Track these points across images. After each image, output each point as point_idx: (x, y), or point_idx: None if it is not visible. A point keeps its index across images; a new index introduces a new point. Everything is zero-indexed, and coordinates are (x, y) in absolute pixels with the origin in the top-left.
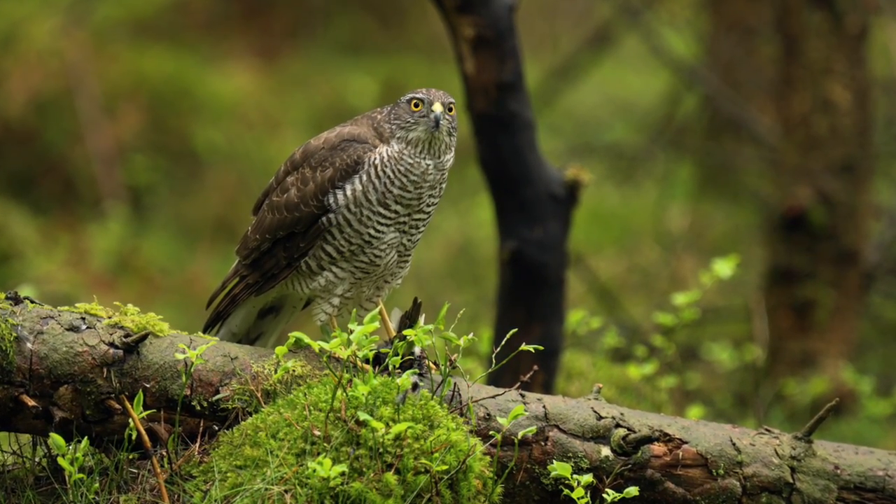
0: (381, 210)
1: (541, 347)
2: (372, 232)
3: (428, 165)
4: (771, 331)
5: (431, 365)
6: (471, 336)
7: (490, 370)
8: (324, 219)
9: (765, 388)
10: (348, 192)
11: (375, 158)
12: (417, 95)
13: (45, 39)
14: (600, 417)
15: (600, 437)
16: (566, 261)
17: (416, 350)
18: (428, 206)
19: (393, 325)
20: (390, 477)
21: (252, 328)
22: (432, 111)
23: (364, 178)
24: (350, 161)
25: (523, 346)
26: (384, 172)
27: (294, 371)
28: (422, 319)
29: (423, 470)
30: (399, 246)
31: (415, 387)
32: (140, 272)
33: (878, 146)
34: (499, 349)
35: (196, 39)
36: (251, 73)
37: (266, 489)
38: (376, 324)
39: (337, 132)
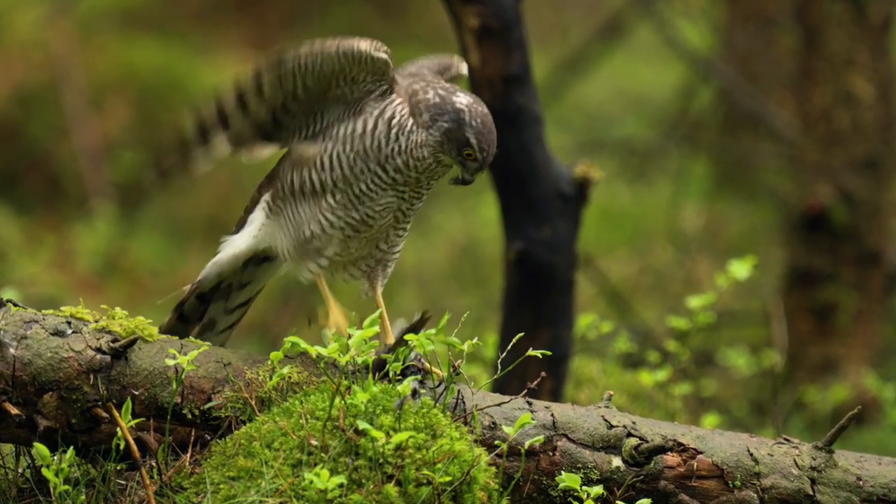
0: (378, 170)
1: (549, 353)
2: (363, 188)
3: (434, 165)
4: (790, 335)
5: (435, 372)
6: (475, 341)
7: (496, 377)
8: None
9: (784, 395)
10: (351, 127)
11: (399, 111)
12: (478, 156)
13: (29, 30)
14: (611, 426)
15: (611, 446)
16: (575, 262)
17: (412, 355)
18: (428, 187)
19: (395, 335)
20: (391, 489)
21: (242, 273)
22: (472, 174)
23: (373, 119)
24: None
25: (531, 352)
26: (395, 135)
27: (290, 378)
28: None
29: (425, 481)
30: (397, 211)
31: (414, 393)
32: (128, 274)
33: None
34: (505, 354)
35: (187, 30)
36: (245, 66)
37: (261, 501)
38: (376, 328)
39: None
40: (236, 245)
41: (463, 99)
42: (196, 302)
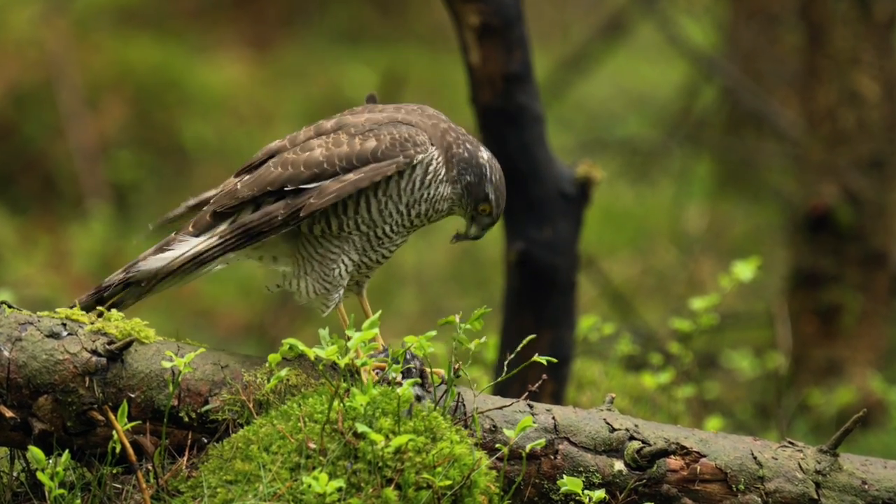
0: (405, 212)
1: (553, 359)
2: (388, 229)
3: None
4: (794, 337)
5: (436, 372)
6: (482, 340)
7: (499, 380)
8: None
9: (788, 398)
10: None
11: (432, 160)
12: (493, 211)
13: (24, 28)
14: (613, 429)
15: (613, 450)
16: (577, 263)
17: (416, 363)
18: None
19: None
20: (390, 493)
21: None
22: (481, 230)
23: (410, 173)
24: (401, 138)
25: (536, 358)
26: (429, 182)
27: (288, 380)
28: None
29: (425, 485)
30: (400, 242)
31: (419, 398)
32: None
33: None
34: (510, 358)
35: (184, 28)
36: (243, 64)
37: None
38: (376, 330)
39: (387, 114)
40: (197, 250)
41: (485, 154)
42: (120, 287)
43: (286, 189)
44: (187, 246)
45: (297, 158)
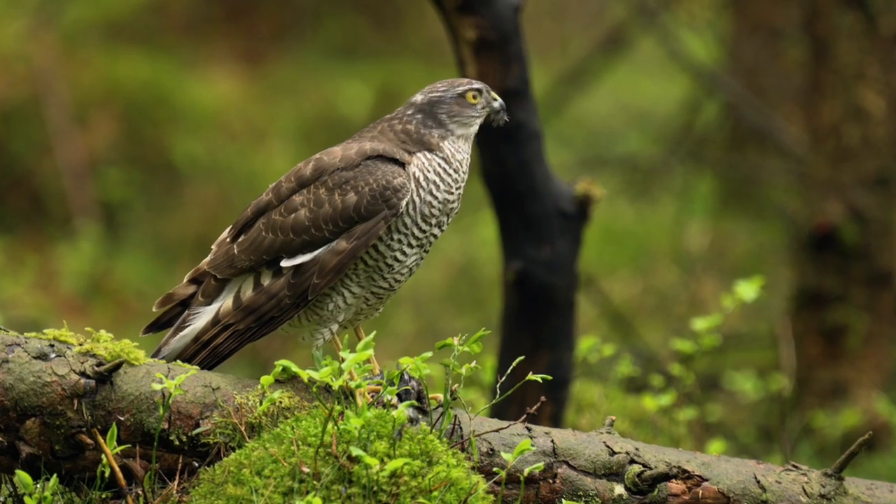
0: (415, 228)
1: (549, 377)
2: (398, 255)
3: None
4: (798, 358)
5: (432, 397)
6: (473, 364)
7: (494, 401)
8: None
9: (792, 420)
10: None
11: (417, 175)
12: (473, 86)
13: (11, 43)
14: (613, 453)
15: (613, 473)
16: (576, 282)
17: (414, 384)
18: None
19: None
20: None
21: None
22: (494, 99)
23: (404, 204)
24: (380, 189)
25: (530, 376)
26: (429, 181)
27: (281, 403)
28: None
29: None
30: (413, 265)
31: (413, 420)
32: (114, 295)
33: None
34: (503, 378)
35: (175, 42)
36: (234, 79)
37: None
38: (370, 352)
39: (356, 149)
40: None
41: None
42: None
43: (282, 264)
44: (207, 316)
45: (285, 222)
